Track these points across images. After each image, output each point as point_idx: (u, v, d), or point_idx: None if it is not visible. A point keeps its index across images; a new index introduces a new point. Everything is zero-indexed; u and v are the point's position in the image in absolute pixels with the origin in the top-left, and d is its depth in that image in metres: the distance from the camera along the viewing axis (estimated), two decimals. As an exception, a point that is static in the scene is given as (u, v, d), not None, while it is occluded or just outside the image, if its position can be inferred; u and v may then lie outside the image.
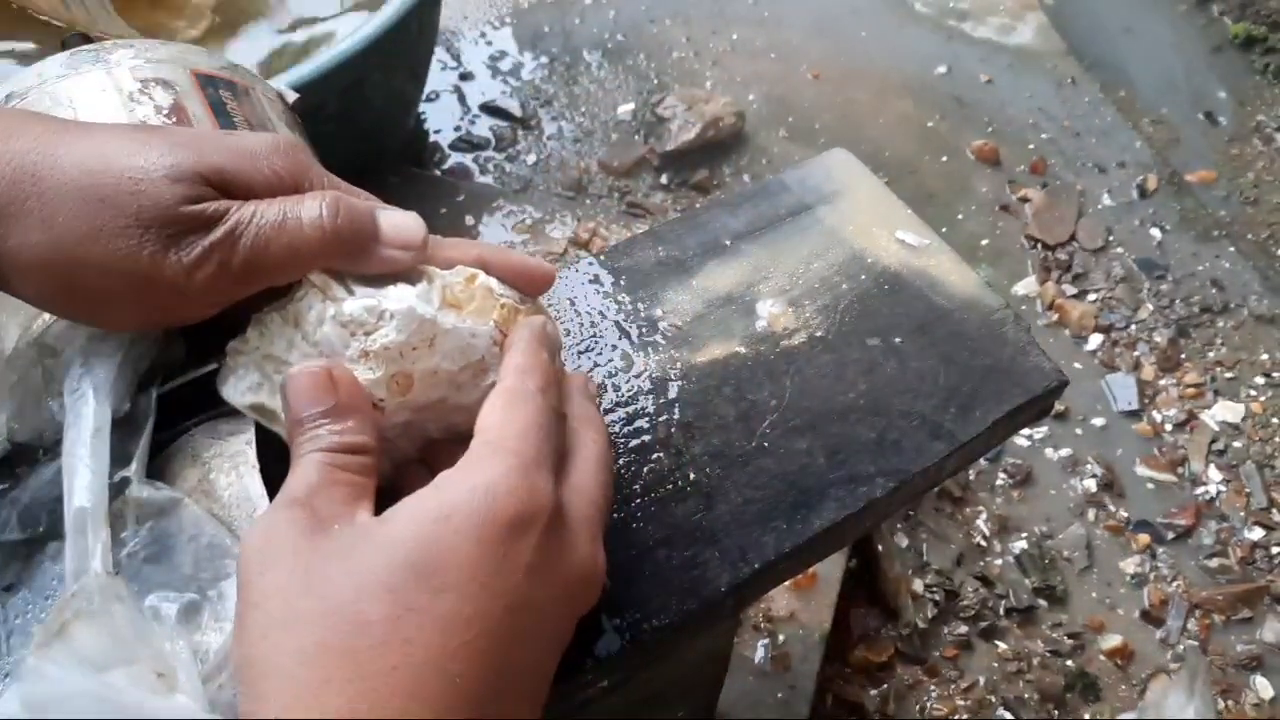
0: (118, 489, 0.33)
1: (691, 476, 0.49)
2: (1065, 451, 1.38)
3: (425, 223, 0.39)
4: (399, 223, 0.38)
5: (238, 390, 0.37)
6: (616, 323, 0.55)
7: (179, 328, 0.39)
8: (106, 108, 0.44)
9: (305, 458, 0.34)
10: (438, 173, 1.65)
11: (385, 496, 0.35)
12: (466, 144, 1.69)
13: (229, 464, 0.35)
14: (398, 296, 0.37)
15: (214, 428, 0.37)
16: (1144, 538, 1.30)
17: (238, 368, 0.38)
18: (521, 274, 0.40)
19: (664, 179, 1.67)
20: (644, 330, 0.55)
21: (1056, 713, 1.16)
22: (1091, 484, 1.34)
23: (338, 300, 0.37)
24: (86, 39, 0.52)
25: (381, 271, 0.38)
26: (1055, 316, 1.53)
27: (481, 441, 0.34)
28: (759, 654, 1.04)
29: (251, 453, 0.35)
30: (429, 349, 0.37)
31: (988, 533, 1.29)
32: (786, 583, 1.07)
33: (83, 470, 0.32)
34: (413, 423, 0.38)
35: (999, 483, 1.34)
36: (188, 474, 0.35)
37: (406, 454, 0.40)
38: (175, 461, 0.36)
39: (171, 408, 0.38)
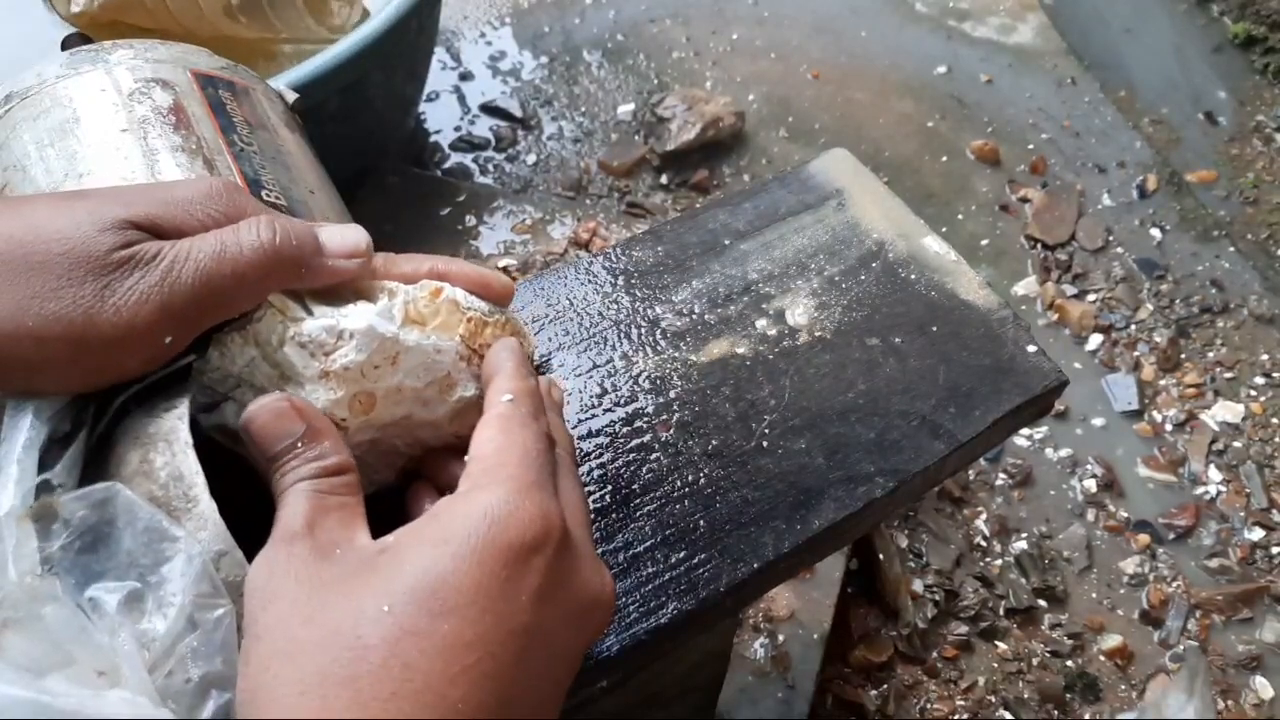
0: (42, 493, 0.32)
1: (690, 477, 0.49)
2: (1065, 451, 1.38)
3: (369, 236, 0.38)
4: (340, 232, 0.38)
5: (201, 410, 0.36)
6: (616, 323, 0.55)
7: None
8: (105, 108, 0.44)
9: (292, 490, 0.33)
10: (438, 173, 1.65)
11: (386, 516, 0.34)
12: (466, 144, 1.69)
13: (163, 443, 0.34)
14: (357, 315, 0.36)
15: (151, 405, 0.36)
16: (1144, 538, 1.30)
17: (201, 389, 0.37)
18: (481, 287, 0.40)
19: (664, 179, 1.67)
20: (643, 330, 0.55)
21: (1056, 713, 1.16)
22: (1091, 484, 1.34)
23: (297, 320, 0.36)
24: (86, 39, 0.52)
25: (331, 283, 0.37)
26: (1055, 316, 1.53)
27: (480, 469, 0.34)
28: (759, 654, 1.04)
29: (184, 428, 0.34)
30: (391, 367, 0.36)
31: (987, 533, 1.29)
32: (787, 581, 1.07)
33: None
34: (379, 440, 0.38)
35: (999, 483, 1.34)
36: (129, 457, 0.34)
37: (379, 472, 0.39)
38: (119, 445, 0.35)
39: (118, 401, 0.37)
